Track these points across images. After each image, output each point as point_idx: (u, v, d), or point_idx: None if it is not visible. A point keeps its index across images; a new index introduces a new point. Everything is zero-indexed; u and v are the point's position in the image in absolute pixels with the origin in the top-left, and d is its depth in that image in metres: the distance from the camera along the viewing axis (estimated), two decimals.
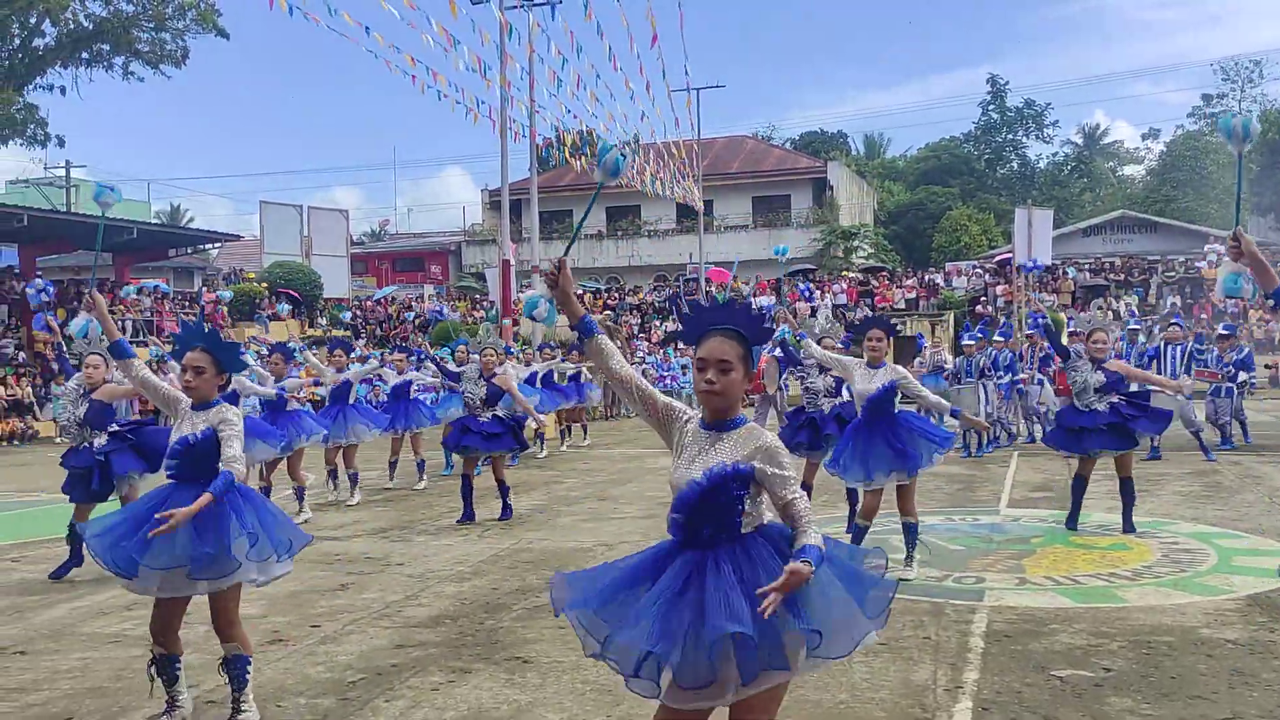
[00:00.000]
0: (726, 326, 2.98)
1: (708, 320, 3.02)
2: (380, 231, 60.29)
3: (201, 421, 4.32)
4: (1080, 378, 8.22)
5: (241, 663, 4.31)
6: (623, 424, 23.04)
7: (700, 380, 2.97)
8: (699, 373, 2.98)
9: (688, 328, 3.06)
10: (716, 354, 2.94)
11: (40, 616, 6.44)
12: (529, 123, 22.81)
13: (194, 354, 4.35)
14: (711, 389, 2.94)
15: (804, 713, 4.34)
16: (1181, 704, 4.36)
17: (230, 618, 4.31)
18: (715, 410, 2.98)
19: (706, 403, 2.98)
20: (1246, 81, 54.62)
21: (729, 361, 2.93)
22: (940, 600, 6.21)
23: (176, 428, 4.40)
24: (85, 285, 30.48)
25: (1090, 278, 33.53)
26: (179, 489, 4.29)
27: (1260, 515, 8.94)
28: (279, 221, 37.26)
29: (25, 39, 34.54)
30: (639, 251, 45.80)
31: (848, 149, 59.45)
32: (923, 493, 10.73)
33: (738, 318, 3.00)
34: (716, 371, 2.93)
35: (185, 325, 4.67)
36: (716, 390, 2.93)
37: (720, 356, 2.93)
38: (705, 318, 3.03)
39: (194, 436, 4.29)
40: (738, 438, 2.96)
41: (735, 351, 2.94)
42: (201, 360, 4.34)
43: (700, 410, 3.07)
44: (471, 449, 9.74)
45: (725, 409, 2.98)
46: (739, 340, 2.96)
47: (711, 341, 2.96)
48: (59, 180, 45.49)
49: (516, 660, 5.21)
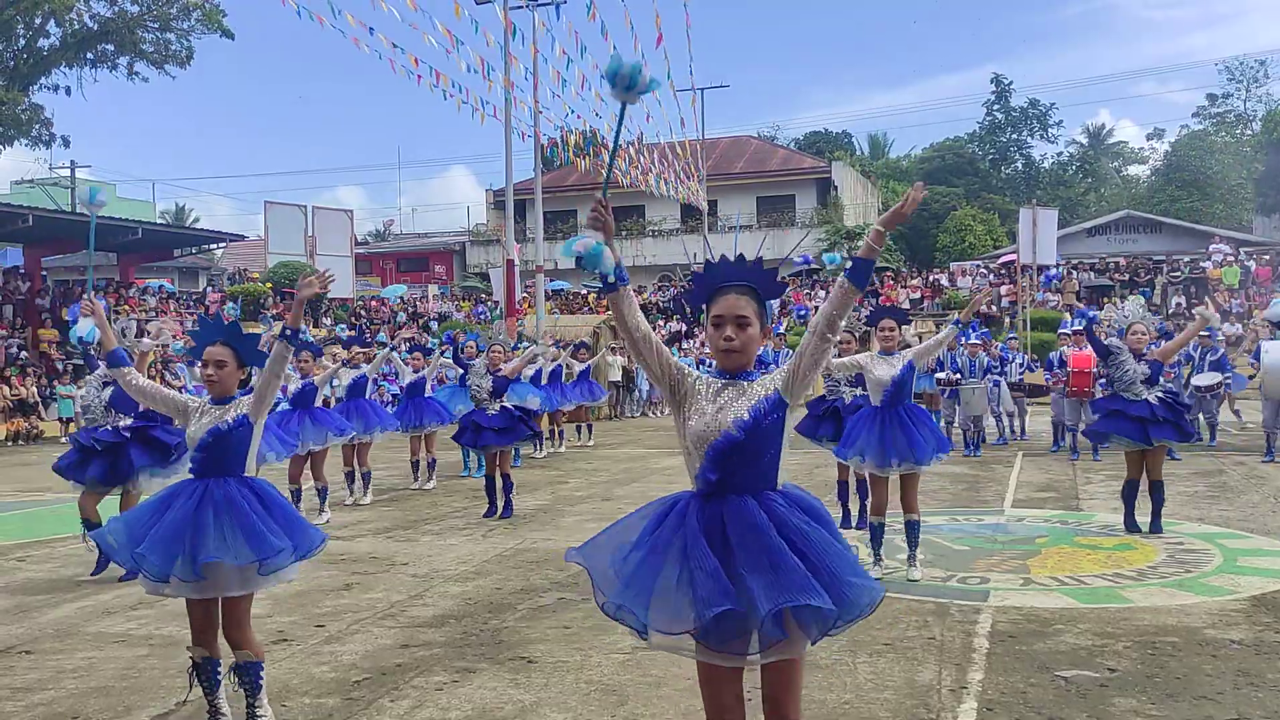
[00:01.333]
0: (739, 282, 2.94)
1: (720, 276, 2.97)
2: (385, 231, 60.34)
3: (228, 413, 4.24)
4: (1126, 371, 8.19)
5: (255, 669, 4.22)
6: (627, 424, 23.05)
7: (718, 338, 2.93)
8: (715, 330, 2.94)
9: (699, 286, 3.02)
10: (734, 310, 2.90)
11: (46, 616, 6.45)
12: (533, 123, 22.81)
13: (215, 348, 4.30)
14: (731, 345, 2.91)
15: (809, 712, 4.33)
16: (1187, 705, 4.36)
17: (243, 622, 4.22)
18: (735, 367, 2.95)
19: (725, 360, 2.94)
20: (1252, 81, 54.55)
21: (746, 317, 2.91)
22: (945, 600, 6.21)
23: (194, 423, 4.27)
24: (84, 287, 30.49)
25: (1095, 278, 33.46)
26: (209, 484, 4.17)
27: (1266, 516, 8.93)
28: (283, 221, 37.33)
29: (30, 39, 34.59)
30: (643, 251, 45.79)
31: (852, 149, 59.39)
32: (927, 492, 10.74)
33: (750, 273, 2.97)
34: (735, 327, 2.90)
35: (204, 320, 4.58)
36: (736, 347, 2.91)
37: (738, 312, 2.90)
38: (717, 274, 2.98)
39: (225, 425, 4.20)
40: (760, 381, 2.96)
41: (751, 307, 2.92)
42: (224, 354, 4.29)
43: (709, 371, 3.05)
44: (491, 445, 9.89)
45: (744, 365, 2.96)
46: (753, 295, 2.93)
47: (727, 298, 2.92)
48: (64, 180, 45.57)
49: (521, 660, 5.22)
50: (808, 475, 11.41)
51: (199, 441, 4.23)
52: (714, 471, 2.89)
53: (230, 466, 4.23)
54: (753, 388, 2.95)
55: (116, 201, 49.77)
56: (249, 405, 4.27)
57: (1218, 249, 33.96)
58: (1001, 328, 29.62)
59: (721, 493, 2.89)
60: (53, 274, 34.98)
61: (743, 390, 2.94)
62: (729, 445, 2.88)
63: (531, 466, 14.67)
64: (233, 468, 4.23)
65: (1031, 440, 15.75)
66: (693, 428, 2.93)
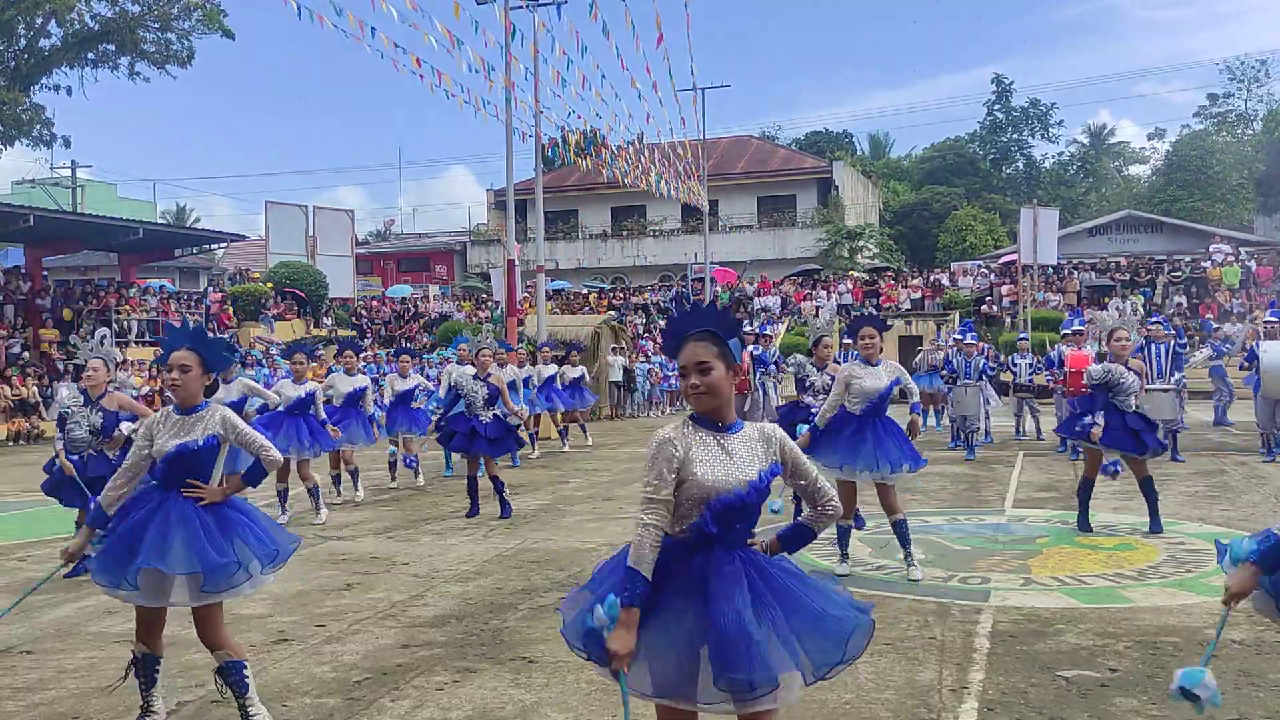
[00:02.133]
0: (698, 330, 3.06)
1: (679, 329, 3.11)
2: (385, 231, 60.38)
3: (197, 428, 4.22)
4: (1124, 383, 8.09)
5: (237, 669, 4.21)
6: (627, 424, 23.06)
7: (686, 386, 3.06)
8: (683, 380, 3.06)
9: (666, 343, 3.17)
10: (693, 358, 3.02)
11: (47, 616, 6.45)
12: (534, 123, 22.81)
13: (180, 353, 4.26)
14: (697, 391, 3.02)
15: (809, 712, 4.34)
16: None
17: (216, 627, 4.23)
18: (709, 410, 3.04)
19: (697, 404, 3.05)
20: (1253, 81, 54.58)
21: (706, 361, 3.01)
22: (946, 601, 6.21)
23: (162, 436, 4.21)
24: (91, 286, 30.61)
25: (1096, 278, 33.45)
26: (170, 496, 4.17)
27: (1267, 515, 8.92)
28: (284, 222, 37.39)
29: (31, 39, 34.61)
30: (644, 251, 45.82)
31: (853, 149, 59.41)
32: (928, 493, 10.76)
33: (704, 319, 3.09)
34: (697, 374, 3.02)
35: (170, 328, 4.57)
36: (702, 390, 3.01)
37: (697, 359, 3.01)
38: (677, 328, 3.12)
39: (194, 444, 4.18)
40: (754, 436, 3.06)
41: (710, 351, 3.02)
42: (189, 359, 4.24)
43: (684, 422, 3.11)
44: (478, 453, 9.88)
45: (718, 407, 3.04)
46: (712, 339, 3.03)
47: (686, 349, 3.04)
48: (65, 180, 45.62)
49: (522, 660, 5.22)
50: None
51: (166, 454, 4.19)
52: (715, 525, 2.95)
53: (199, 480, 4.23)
54: (753, 445, 3.04)
55: (117, 201, 49.84)
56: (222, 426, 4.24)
57: (1218, 249, 33.95)
58: (1003, 328, 29.65)
59: (710, 546, 2.96)
60: (54, 274, 35.00)
61: (743, 447, 3.02)
62: (739, 503, 2.96)
63: (531, 466, 14.68)
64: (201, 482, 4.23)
65: (1047, 440, 15.69)
66: (698, 478, 2.95)
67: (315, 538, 8.98)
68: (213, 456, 4.26)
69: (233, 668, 4.22)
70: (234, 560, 4.13)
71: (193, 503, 4.18)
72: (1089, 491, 8.41)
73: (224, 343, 4.67)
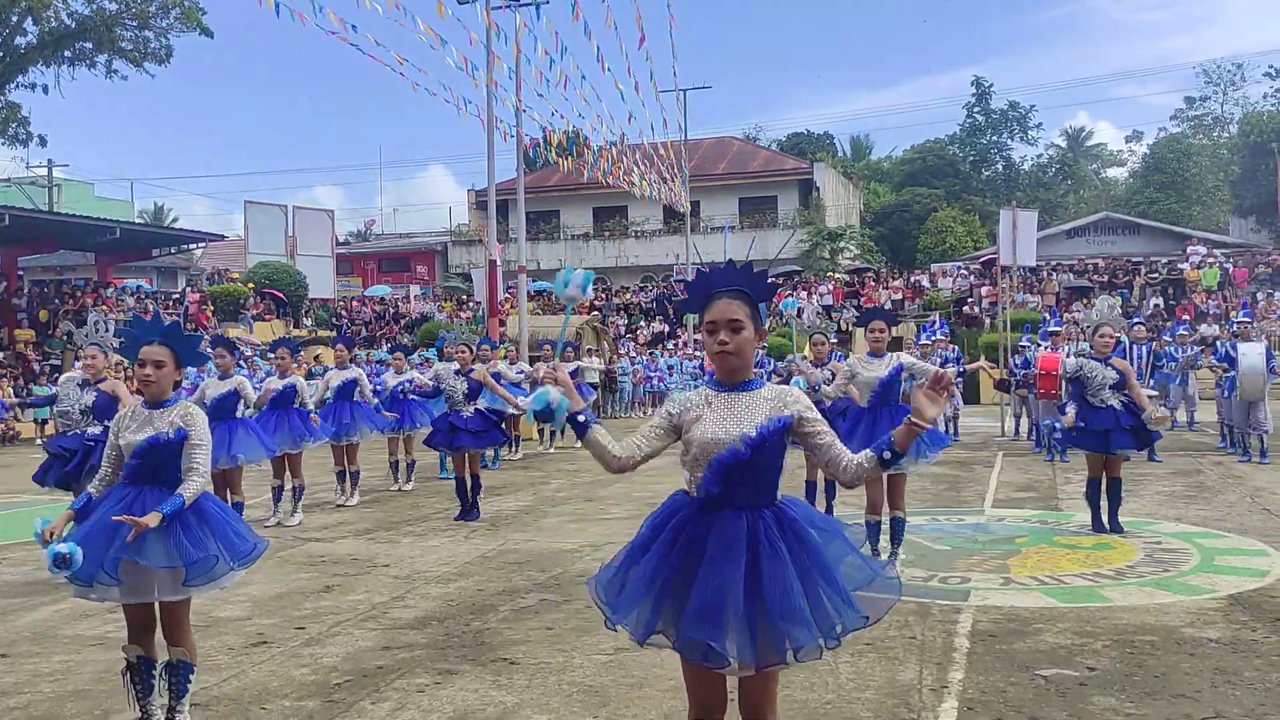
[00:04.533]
0: (731, 288, 2.99)
1: (712, 284, 3.02)
2: (366, 232, 60.10)
3: (166, 421, 4.17)
4: (1096, 378, 8.15)
5: (185, 669, 4.20)
6: (610, 424, 22.98)
7: (713, 343, 2.97)
8: (710, 336, 2.98)
9: (692, 294, 3.07)
10: (726, 314, 2.94)
11: (22, 619, 6.39)
12: (516, 122, 22.75)
13: (153, 347, 4.20)
14: (725, 349, 2.94)
15: (790, 712, 4.34)
16: (1165, 703, 4.39)
17: (182, 622, 4.21)
18: (731, 371, 2.98)
19: (721, 364, 2.98)
20: (1229, 84, 55.12)
21: (739, 320, 2.94)
22: (926, 600, 6.23)
23: (130, 429, 4.18)
24: (67, 286, 30.36)
25: (1074, 279, 33.69)
26: (143, 492, 4.13)
27: (1242, 515, 9.00)
28: (264, 221, 37.13)
29: (7, 37, 34.26)
30: (626, 252, 45.79)
31: (834, 150, 59.58)
32: (907, 493, 10.77)
33: (740, 277, 3.02)
34: (728, 331, 2.94)
35: (138, 320, 4.47)
36: (730, 350, 2.94)
37: (730, 316, 2.94)
38: (709, 282, 3.04)
39: (164, 436, 4.13)
40: (767, 395, 2.99)
41: (744, 310, 2.96)
42: (162, 354, 4.19)
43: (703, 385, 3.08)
44: (464, 448, 9.81)
45: (740, 368, 2.98)
46: (745, 300, 2.97)
47: (719, 304, 2.96)
48: (41, 180, 45.18)
49: (503, 661, 5.21)
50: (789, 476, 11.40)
51: (135, 448, 4.14)
52: (716, 485, 2.92)
53: (165, 477, 4.17)
54: (760, 402, 2.97)
55: (94, 200, 49.41)
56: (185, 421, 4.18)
57: (1195, 250, 34.25)
58: (983, 329, 29.79)
59: (719, 506, 2.92)
60: (29, 274, 34.66)
61: (750, 404, 2.96)
62: (734, 461, 2.90)
63: (511, 468, 14.65)
64: (167, 478, 4.17)
65: None
66: (698, 436, 2.94)
67: (294, 539, 8.92)
68: (179, 451, 4.20)
69: (183, 668, 4.21)
70: (213, 554, 4.10)
71: (165, 497, 4.10)
72: (1097, 491, 8.37)
73: (197, 339, 4.62)
